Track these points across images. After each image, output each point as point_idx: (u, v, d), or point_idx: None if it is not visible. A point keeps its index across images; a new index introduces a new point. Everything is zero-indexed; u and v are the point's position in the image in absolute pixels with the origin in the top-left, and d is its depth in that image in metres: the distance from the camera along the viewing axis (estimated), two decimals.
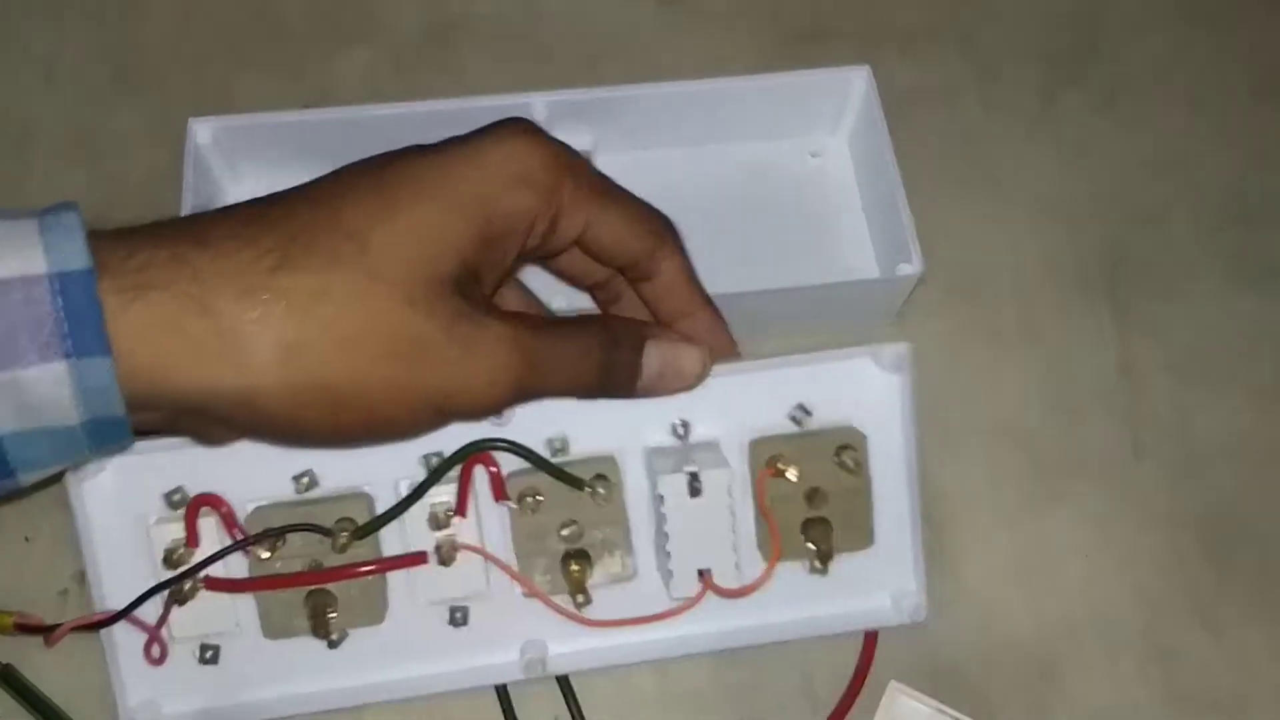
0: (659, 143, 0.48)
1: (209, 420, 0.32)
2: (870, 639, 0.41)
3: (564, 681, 0.40)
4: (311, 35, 0.52)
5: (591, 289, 0.41)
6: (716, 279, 0.42)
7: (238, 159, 0.46)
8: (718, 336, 0.39)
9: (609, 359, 0.36)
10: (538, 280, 0.41)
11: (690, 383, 0.38)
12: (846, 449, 0.39)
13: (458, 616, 0.39)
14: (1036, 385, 0.47)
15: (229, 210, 0.32)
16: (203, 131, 0.44)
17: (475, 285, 0.34)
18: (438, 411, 0.34)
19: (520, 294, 0.40)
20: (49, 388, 0.29)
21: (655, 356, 0.37)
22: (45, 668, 0.40)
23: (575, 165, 0.35)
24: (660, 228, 0.38)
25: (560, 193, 0.35)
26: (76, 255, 0.29)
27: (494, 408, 0.35)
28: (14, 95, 0.50)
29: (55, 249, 0.29)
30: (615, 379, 0.36)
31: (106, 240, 0.30)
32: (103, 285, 0.29)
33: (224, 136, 0.44)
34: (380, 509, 0.38)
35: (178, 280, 0.29)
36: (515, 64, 0.35)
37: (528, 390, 0.34)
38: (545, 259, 0.39)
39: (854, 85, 0.46)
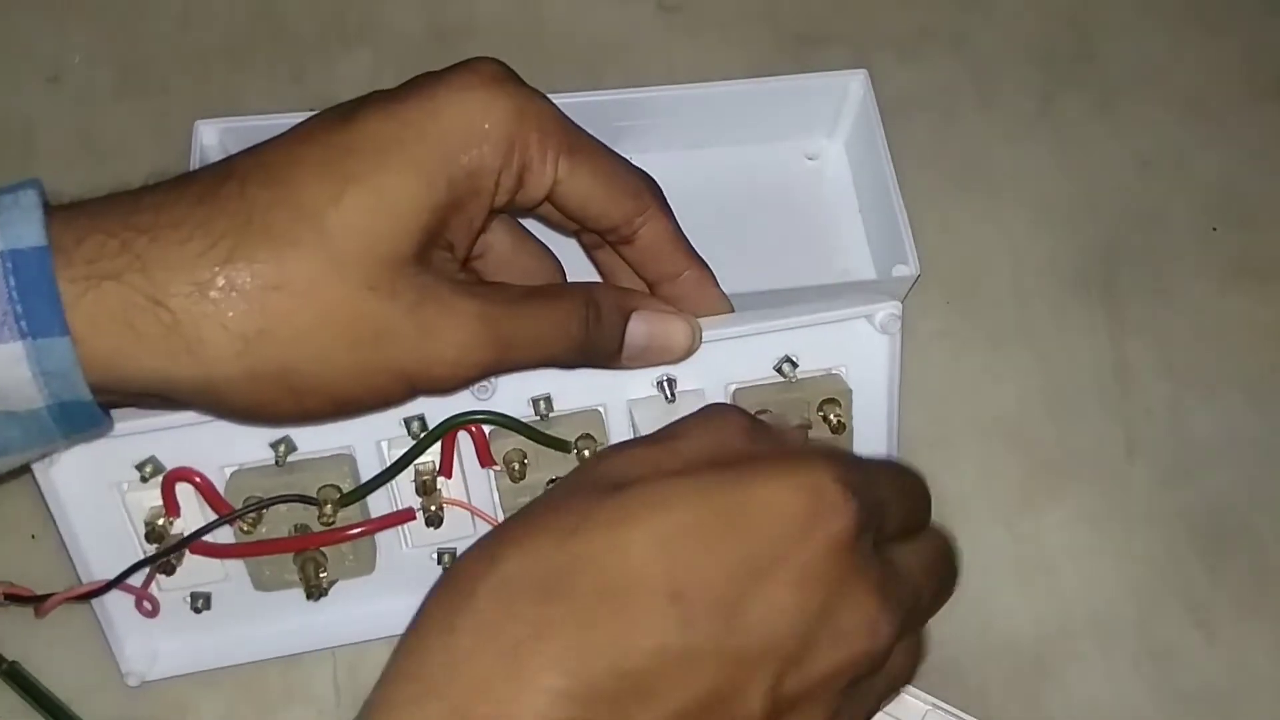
0: (658, 146, 0.48)
1: (171, 402, 0.32)
2: None
3: None
4: (314, 37, 0.53)
5: (576, 235, 0.39)
6: None
7: None
8: (707, 294, 0.38)
9: (590, 333, 0.34)
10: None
11: (678, 356, 0.37)
12: (830, 403, 0.39)
13: (445, 558, 0.40)
14: (1032, 385, 0.47)
15: (180, 186, 0.31)
16: (208, 133, 0.44)
17: (443, 253, 0.32)
18: (405, 389, 0.32)
19: (511, 236, 0.38)
20: (7, 369, 0.28)
21: (641, 330, 0.36)
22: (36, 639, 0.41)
23: (543, 114, 0.33)
24: (638, 188, 0.36)
25: (526, 146, 0.33)
26: (31, 233, 0.28)
27: (463, 385, 0.34)
28: (17, 97, 0.51)
29: (9, 226, 0.28)
30: (596, 352, 0.35)
31: (59, 220, 0.29)
32: (57, 269, 0.28)
33: (229, 138, 0.45)
34: (363, 470, 0.38)
35: (127, 272, 0.28)
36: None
37: (500, 366, 0.33)
38: (520, 213, 0.38)
39: (851, 89, 0.47)
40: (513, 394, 0.38)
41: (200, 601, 0.39)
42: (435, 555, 0.40)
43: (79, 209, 0.30)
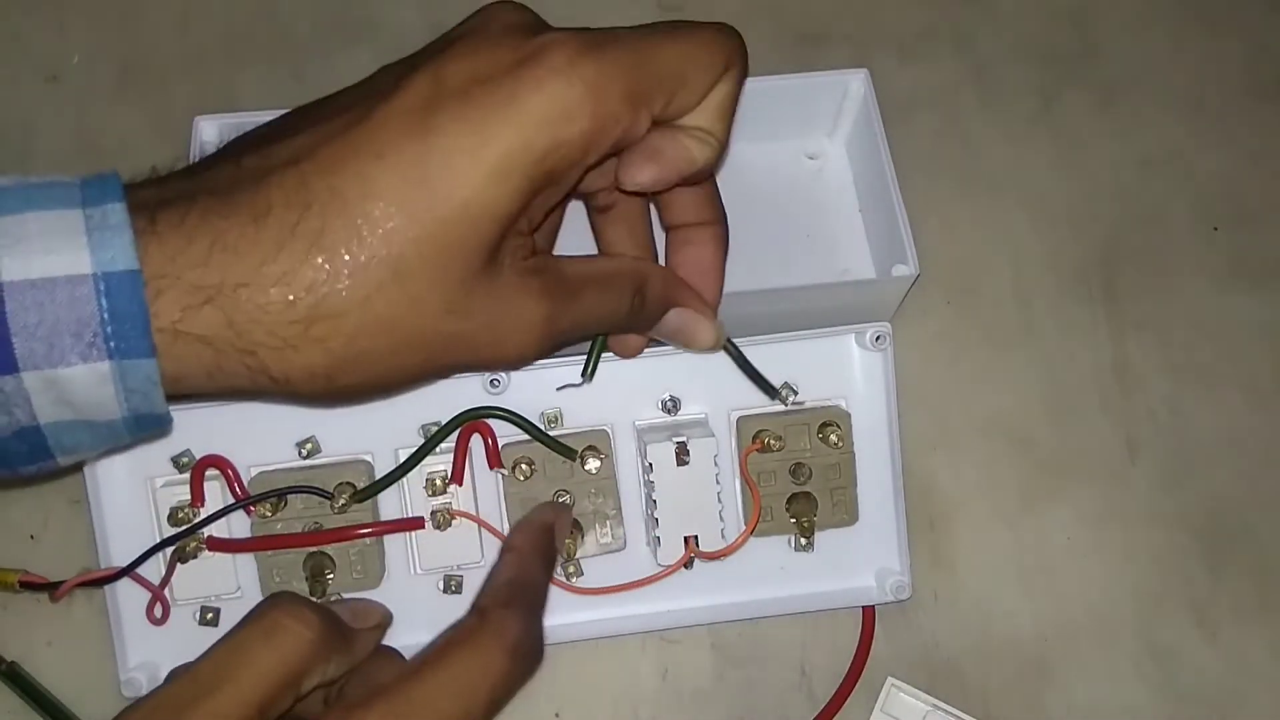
0: None
1: (245, 397, 0.32)
2: (868, 622, 0.42)
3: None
4: (313, 35, 0.52)
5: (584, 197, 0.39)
6: None
7: None
8: (710, 272, 0.39)
9: (632, 315, 0.36)
10: None
11: (696, 350, 0.39)
12: (831, 426, 0.40)
13: (452, 585, 0.40)
14: (1033, 385, 0.47)
15: (258, 180, 0.30)
16: (208, 129, 0.44)
17: (517, 235, 0.32)
18: (463, 372, 0.37)
19: None
20: (91, 387, 0.28)
21: (675, 321, 0.38)
22: (36, 639, 0.41)
23: (640, 95, 0.31)
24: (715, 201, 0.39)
25: (628, 129, 0.31)
26: (123, 255, 0.28)
27: (520, 365, 0.35)
28: (16, 96, 0.51)
29: (101, 247, 0.28)
30: (632, 330, 0.38)
31: (149, 239, 0.28)
32: (148, 294, 0.28)
33: (229, 134, 0.44)
34: (380, 475, 0.39)
35: (213, 307, 0.29)
36: None
37: (555, 341, 0.34)
38: None
39: (852, 88, 0.46)
40: (524, 406, 0.39)
41: (209, 615, 0.39)
42: (442, 581, 0.40)
43: (166, 221, 0.29)
